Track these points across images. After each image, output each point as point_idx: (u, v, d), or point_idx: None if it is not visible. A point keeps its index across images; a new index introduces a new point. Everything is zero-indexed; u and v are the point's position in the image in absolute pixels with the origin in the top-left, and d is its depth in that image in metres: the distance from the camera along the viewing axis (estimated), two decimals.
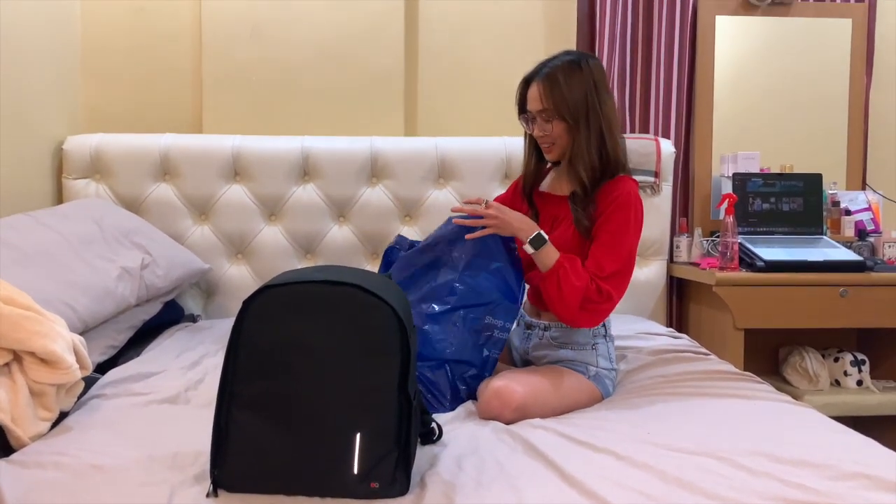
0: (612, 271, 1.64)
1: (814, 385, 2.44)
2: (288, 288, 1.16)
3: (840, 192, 2.71)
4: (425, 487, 1.13)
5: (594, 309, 1.64)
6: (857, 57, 2.78)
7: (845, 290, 2.29)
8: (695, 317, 2.67)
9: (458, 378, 1.65)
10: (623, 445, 1.28)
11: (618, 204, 1.66)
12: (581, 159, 1.67)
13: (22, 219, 1.95)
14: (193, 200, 2.50)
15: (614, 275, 1.64)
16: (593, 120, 1.66)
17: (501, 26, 2.77)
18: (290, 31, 2.64)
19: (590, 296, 1.61)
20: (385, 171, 2.54)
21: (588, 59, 1.71)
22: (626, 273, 1.68)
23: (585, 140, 1.66)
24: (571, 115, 1.66)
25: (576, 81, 1.66)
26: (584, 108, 1.65)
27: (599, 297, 1.62)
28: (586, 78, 1.66)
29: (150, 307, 2.11)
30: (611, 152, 1.68)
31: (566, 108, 1.66)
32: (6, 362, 1.32)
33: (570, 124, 1.67)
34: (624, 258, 1.66)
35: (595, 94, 1.66)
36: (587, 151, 1.66)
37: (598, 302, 1.62)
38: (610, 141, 1.68)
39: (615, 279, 1.65)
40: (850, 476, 1.13)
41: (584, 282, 1.60)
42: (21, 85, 2.26)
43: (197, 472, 1.17)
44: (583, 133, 1.66)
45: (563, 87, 1.65)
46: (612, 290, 1.63)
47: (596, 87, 1.67)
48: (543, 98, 1.67)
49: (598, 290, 1.61)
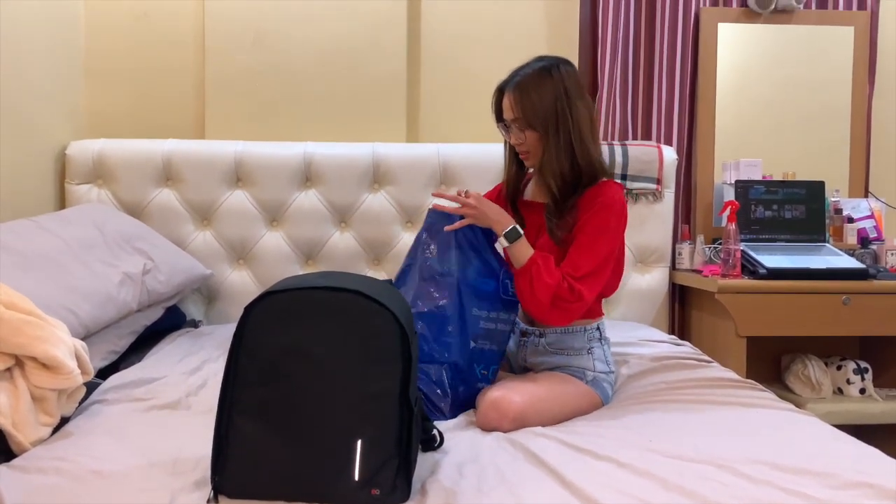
0: (586, 272, 1.63)
1: (816, 393, 2.43)
2: (289, 294, 1.16)
3: (843, 200, 2.71)
4: (426, 494, 1.13)
5: (565, 307, 1.63)
6: (859, 64, 2.78)
7: (848, 298, 2.28)
8: (697, 324, 2.67)
9: (458, 380, 1.64)
10: (624, 453, 1.28)
11: (599, 207, 1.66)
12: (550, 168, 1.68)
13: (24, 223, 1.95)
14: (195, 206, 2.50)
15: (588, 275, 1.64)
16: (563, 128, 1.66)
17: (504, 33, 2.77)
18: (293, 36, 2.65)
19: (561, 294, 1.61)
20: (387, 178, 2.54)
21: (560, 64, 1.71)
22: (600, 274, 1.67)
23: (555, 149, 1.67)
24: (541, 125, 1.67)
25: (546, 90, 1.67)
26: (553, 117, 1.66)
27: (571, 295, 1.61)
28: (556, 85, 1.67)
29: (152, 312, 2.11)
30: (581, 160, 1.68)
31: (535, 118, 1.67)
32: (7, 367, 1.32)
33: (540, 133, 1.68)
34: (600, 260, 1.65)
35: (566, 100, 1.67)
36: (556, 160, 1.67)
37: (569, 301, 1.62)
38: (580, 149, 1.68)
39: (589, 280, 1.64)
40: (853, 485, 1.13)
41: (555, 279, 1.60)
42: (24, 89, 2.26)
43: (197, 478, 1.17)
44: (552, 142, 1.67)
45: (532, 96, 1.67)
46: (583, 290, 1.62)
47: (567, 93, 1.67)
48: (514, 107, 1.70)
49: (570, 288, 1.61)
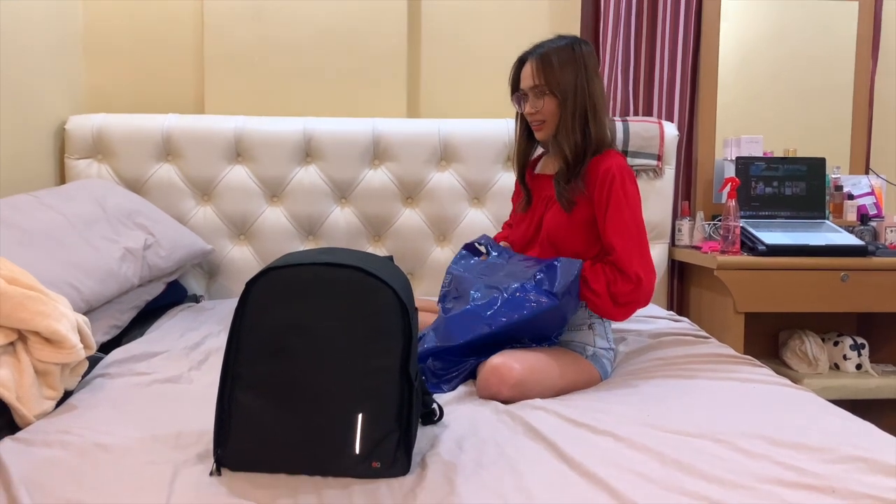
0: (624, 251, 1.67)
1: (813, 369, 2.45)
2: (290, 270, 1.17)
3: (843, 177, 2.70)
4: (426, 468, 1.15)
5: (628, 298, 1.68)
6: (862, 41, 2.76)
7: (846, 275, 2.29)
8: (696, 300, 2.68)
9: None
10: (622, 427, 1.29)
11: (604, 180, 1.70)
12: (566, 135, 1.74)
13: (25, 199, 1.95)
14: (196, 181, 2.50)
15: (629, 253, 1.67)
16: (580, 100, 1.74)
17: (505, 8, 2.75)
18: (293, 11, 2.62)
19: (616, 291, 1.66)
20: (387, 154, 2.53)
21: (581, 43, 1.80)
22: (640, 244, 1.71)
23: (571, 117, 1.74)
24: (561, 92, 1.74)
25: (568, 62, 1.75)
26: (573, 87, 1.74)
27: (626, 285, 1.66)
28: (577, 60, 1.76)
29: (153, 288, 2.12)
30: (593, 132, 1.75)
31: (557, 85, 1.74)
32: (10, 342, 1.33)
33: (559, 100, 1.74)
34: (632, 232, 1.69)
35: (585, 75, 1.75)
36: (572, 128, 1.74)
37: (627, 292, 1.67)
38: (594, 121, 1.75)
39: (632, 257, 1.67)
40: (848, 459, 1.14)
41: (601, 286, 1.67)
42: (23, 65, 2.25)
43: (200, 451, 1.18)
44: (569, 110, 1.74)
45: (555, 65, 1.75)
46: (631, 271, 1.66)
47: (586, 69, 1.76)
48: (536, 75, 1.76)
49: (621, 279, 1.66)
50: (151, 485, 1.07)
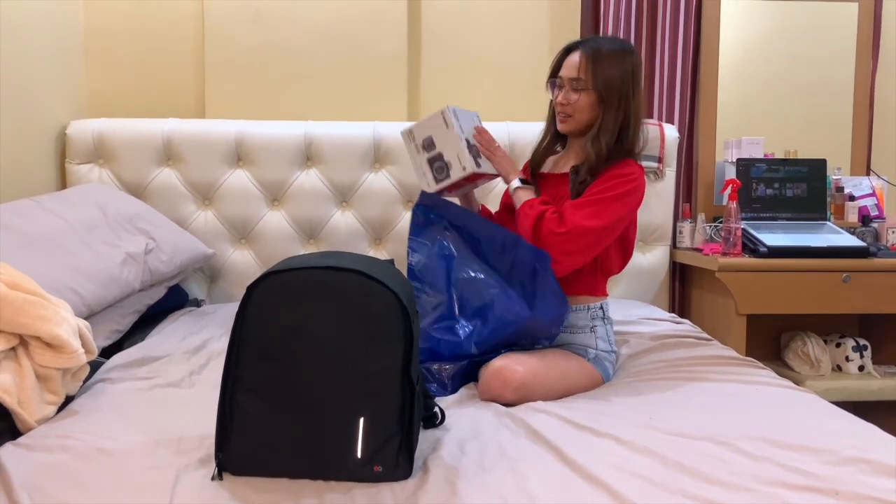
0: (582, 208, 1.65)
1: (815, 370, 2.44)
2: (291, 274, 1.17)
3: (844, 178, 2.70)
4: (428, 471, 1.14)
5: (549, 232, 1.63)
6: (863, 41, 2.76)
7: (848, 276, 2.28)
8: (697, 302, 2.67)
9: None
10: (624, 430, 1.29)
11: (624, 175, 1.69)
12: (605, 136, 1.71)
13: (26, 204, 1.95)
14: (197, 185, 2.50)
15: (584, 210, 1.64)
16: (623, 105, 1.71)
17: (505, 11, 2.75)
18: (293, 14, 2.63)
19: (545, 218, 1.65)
20: (388, 157, 2.53)
21: (633, 53, 1.77)
22: (600, 218, 1.65)
23: (613, 120, 1.71)
24: (606, 91, 1.70)
25: (617, 63, 1.72)
26: (618, 90, 1.71)
27: (557, 224, 1.63)
28: (627, 66, 1.72)
29: (155, 292, 2.12)
30: (628, 138, 1.73)
31: (602, 83, 1.70)
32: (12, 347, 1.33)
33: (600, 98, 1.71)
34: (604, 210, 1.65)
35: (631, 81, 1.72)
36: (612, 131, 1.71)
37: (553, 228, 1.63)
38: (633, 127, 1.73)
39: (582, 213, 1.64)
40: (851, 461, 1.14)
41: (537, 209, 1.66)
42: (24, 69, 2.25)
43: (202, 455, 1.18)
44: (612, 111, 1.71)
45: (605, 63, 1.71)
46: (571, 218, 1.63)
47: (634, 76, 1.73)
48: (583, 67, 1.72)
49: (556, 215, 1.65)
50: (153, 489, 1.07)
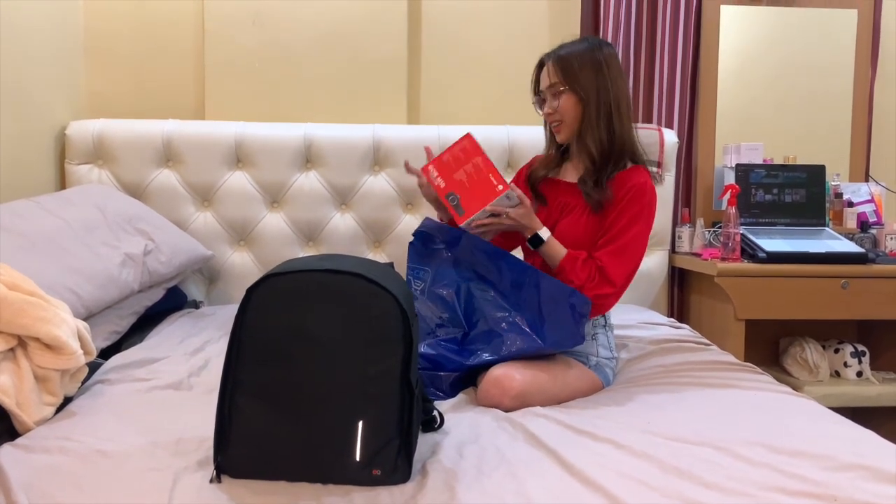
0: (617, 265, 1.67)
1: (814, 376, 2.45)
2: (291, 276, 1.17)
3: (843, 184, 2.71)
4: (427, 475, 1.14)
5: (598, 302, 1.66)
6: (862, 48, 2.77)
7: (846, 282, 2.29)
8: (696, 307, 2.68)
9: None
10: (623, 435, 1.29)
11: (632, 195, 1.69)
12: (591, 134, 1.72)
13: (25, 204, 1.95)
14: (196, 187, 2.50)
15: (620, 270, 1.68)
16: (603, 98, 1.71)
17: (505, 13, 2.76)
18: (293, 17, 2.63)
19: (591, 287, 1.66)
20: (387, 159, 2.53)
21: (603, 45, 1.77)
22: (634, 264, 1.72)
23: (595, 115, 1.71)
24: (582, 88, 1.71)
25: (587, 61, 1.72)
26: (594, 85, 1.71)
27: (606, 288, 1.66)
28: (598, 58, 1.72)
29: (153, 293, 2.12)
30: (618, 132, 1.72)
31: (576, 82, 1.71)
32: (10, 347, 1.33)
33: (578, 97, 1.71)
34: (633, 251, 1.70)
35: (607, 73, 1.71)
36: (597, 126, 1.71)
37: (602, 295, 1.66)
38: (618, 122, 1.72)
39: (621, 272, 1.68)
40: (849, 467, 1.14)
41: (580, 280, 1.66)
42: (23, 70, 2.25)
43: (200, 457, 1.18)
44: (592, 108, 1.71)
45: (574, 63, 1.72)
46: (620, 283, 1.67)
47: (608, 67, 1.72)
48: (552, 73, 1.74)
49: (603, 282, 1.67)
50: (151, 491, 1.07)
